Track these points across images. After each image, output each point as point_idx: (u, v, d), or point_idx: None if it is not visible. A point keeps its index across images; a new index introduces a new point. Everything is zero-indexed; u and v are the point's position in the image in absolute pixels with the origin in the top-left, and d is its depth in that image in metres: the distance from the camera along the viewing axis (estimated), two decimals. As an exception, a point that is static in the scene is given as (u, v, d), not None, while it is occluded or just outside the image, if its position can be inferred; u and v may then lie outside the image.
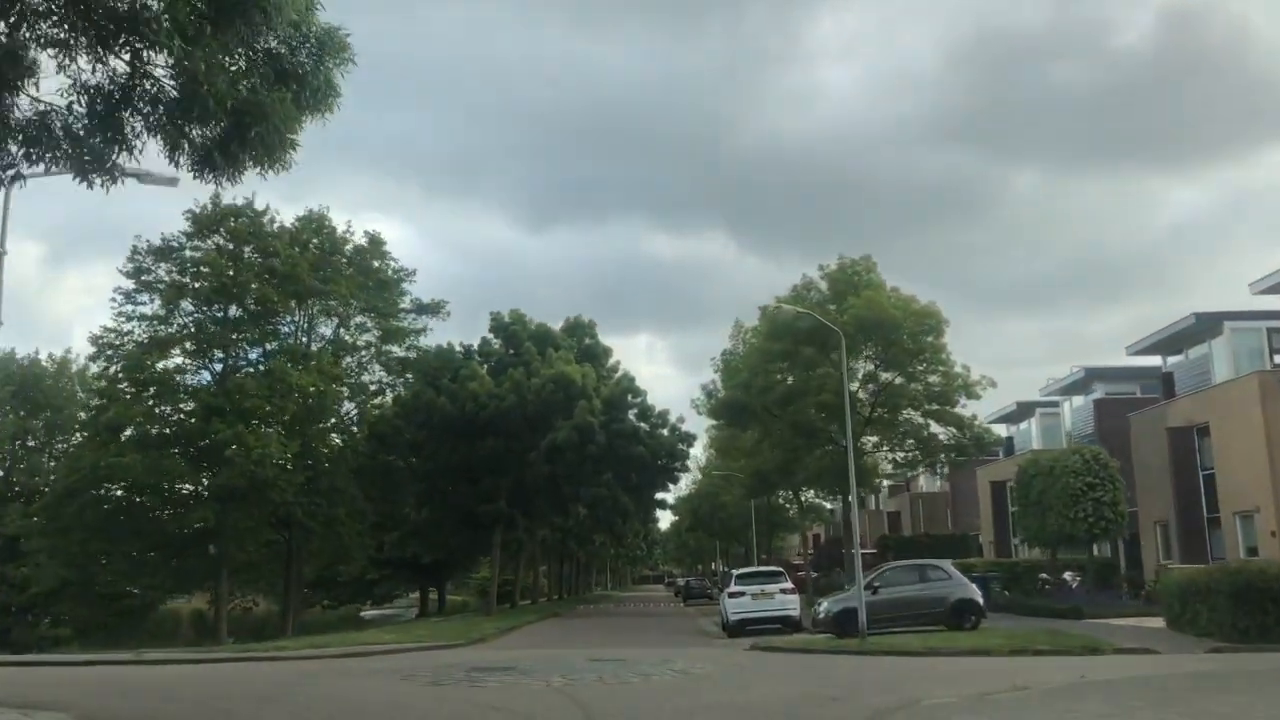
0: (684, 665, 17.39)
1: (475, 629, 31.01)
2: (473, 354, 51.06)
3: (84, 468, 36.99)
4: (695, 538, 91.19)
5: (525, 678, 15.46)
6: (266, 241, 41.37)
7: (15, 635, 44.56)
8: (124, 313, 40.49)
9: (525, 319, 53.15)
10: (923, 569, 25.35)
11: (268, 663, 20.66)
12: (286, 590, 44.51)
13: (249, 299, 41.40)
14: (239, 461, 35.81)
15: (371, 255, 44.95)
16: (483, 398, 46.45)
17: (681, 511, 79.30)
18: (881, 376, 34.18)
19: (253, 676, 17.01)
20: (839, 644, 21.29)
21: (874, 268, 35.29)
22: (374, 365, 47.16)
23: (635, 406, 48.24)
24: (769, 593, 27.84)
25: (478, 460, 46.52)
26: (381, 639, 26.51)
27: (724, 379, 39.04)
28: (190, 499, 38.52)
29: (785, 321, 33.52)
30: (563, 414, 45.95)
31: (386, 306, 45.22)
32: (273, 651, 22.79)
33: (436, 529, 50.75)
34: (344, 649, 23.44)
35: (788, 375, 34.68)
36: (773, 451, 37.24)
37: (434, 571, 66.33)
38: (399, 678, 15.79)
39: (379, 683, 15.33)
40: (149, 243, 41.02)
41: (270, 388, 38.15)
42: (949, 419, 34.29)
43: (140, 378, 38.53)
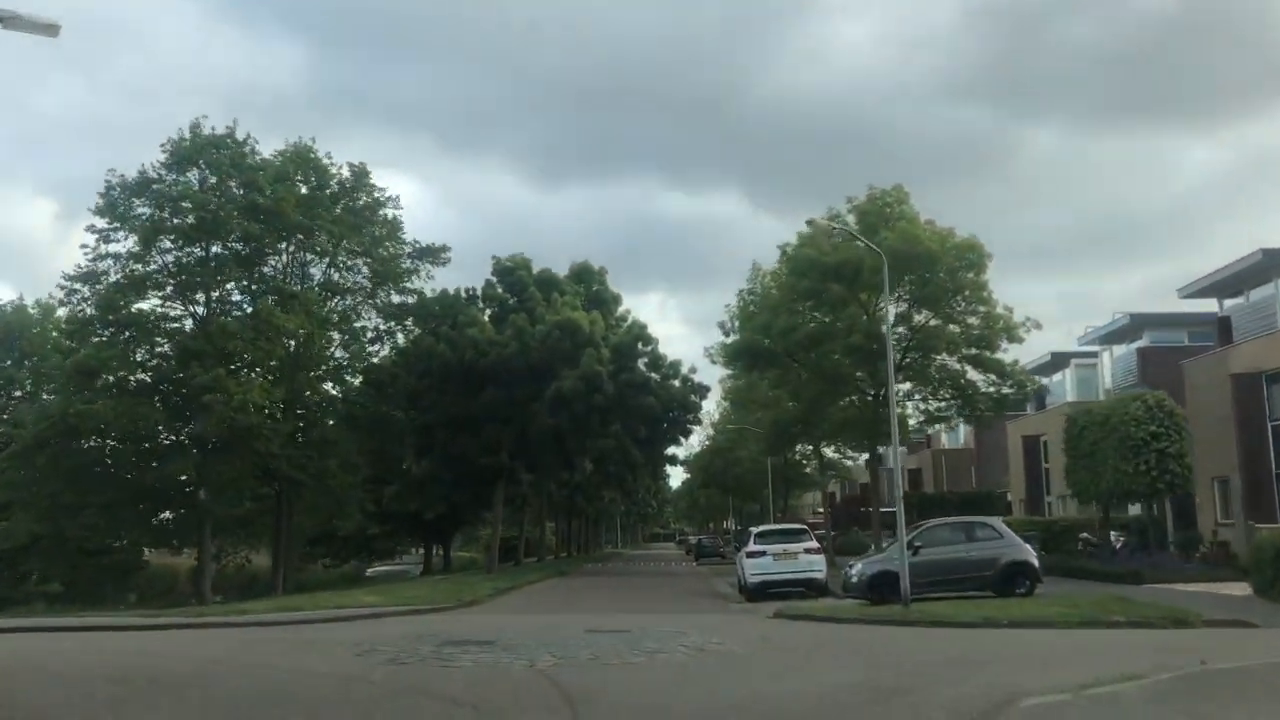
0: (699, 639, 14.65)
1: (469, 590, 28.41)
2: (474, 298, 48.22)
3: (54, 415, 34.39)
4: (707, 495, 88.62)
5: (507, 655, 12.75)
6: (249, 175, 38.43)
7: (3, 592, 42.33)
8: (100, 253, 37.88)
9: (529, 263, 50.14)
10: (969, 527, 22.50)
11: (221, 629, 18.03)
12: (276, 547, 42.06)
13: (233, 238, 38.63)
14: (218, 408, 33.15)
15: (356, 188, 41.93)
16: (483, 345, 43.65)
17: (693, 468, 76.67)
18: (915, 318, 31.18)
19: (185, 651, 14.32)
20: (876, 612, 18.53)
21: (906, 198, 32.17)
22: (368, 309, 44.30)
23: (646, 356, 45.35)
24: (792, 553, 25.09)
25: (478, 411, 43.81)
26: (362, 601, 23.89)
27: (741, 322, 36.11)
28: (169, 449, 35.89)
29: (811, 257, 30.52)
30: (568, 362, 43.12)
31: (376, 244, 42.25)
32: (233, 616, 20.16)
33: (437, 483, 48.16)
34: (314, 613, 20.79)
35: (812, 316, 31.70)
36: (794, 401, 34.34)
37: (437, 527, 64.08)
38: (355, 654, 13.10)
39: (327, 661, 12.62)
40: (123, 177, 38.23)
41: (254, 329, 35.43)
42: (989, 365, 31.27)
43: (113, 319, 35.79)
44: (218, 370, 33.85)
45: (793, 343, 31.03)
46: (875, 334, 30.99)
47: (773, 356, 32.70)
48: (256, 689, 10.69)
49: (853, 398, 33.60)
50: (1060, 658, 12.22)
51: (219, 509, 37.42)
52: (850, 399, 33.70)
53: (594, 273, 50.39)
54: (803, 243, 31.93)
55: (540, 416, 43.33)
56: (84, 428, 33.31)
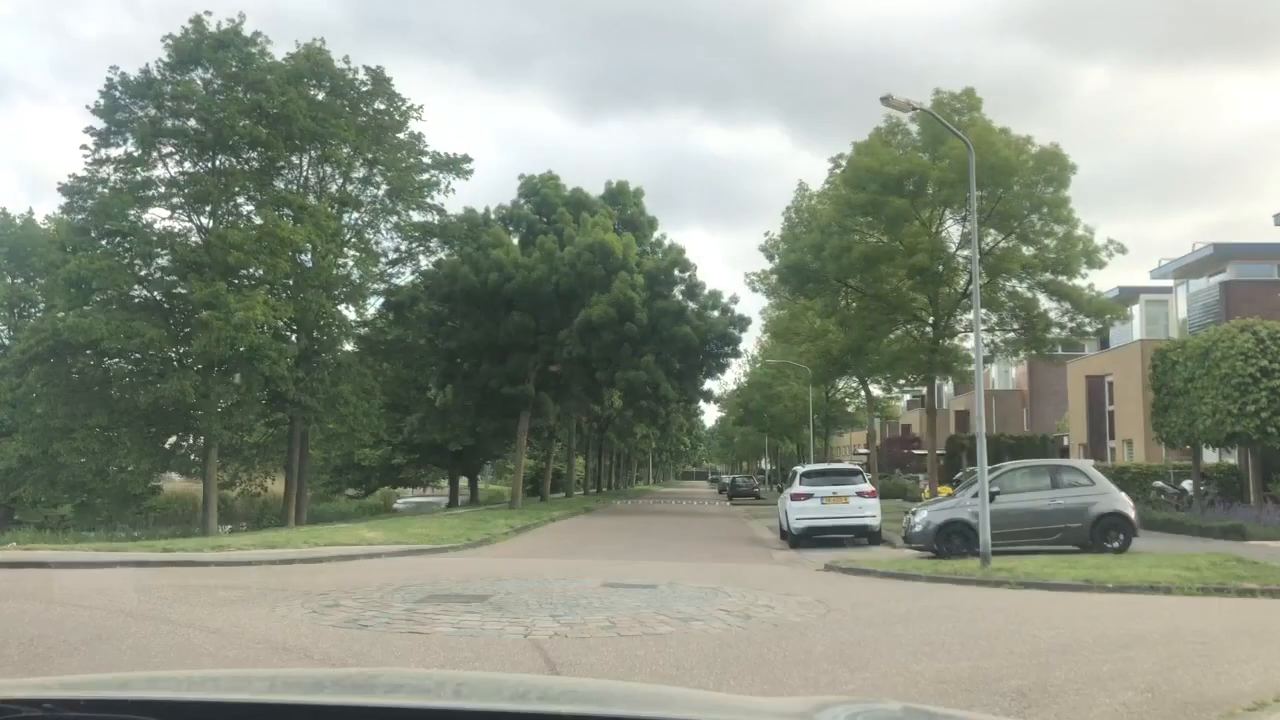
0: (740, 599, 11.85)
1: (482, 526, 25.85)
2: (501, 219, 45.29)
3: (45, 330, 32.00)
4: (743, 433, 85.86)
5: (498, 618, 10.03)
6: (256, 75, 35.43)
7: (19, 514, 40.43)
8: (99, 158, 35.24)
9: (559, 182, 47.17)
10: (1055, 471, 19.43)
11: (182, 569, 15.47)
12: (289, 475, 39.80)
13: (243, 147, 35.81)
14: (216, 325, 30.56)
15: (375, 94, 38.80)
16: (509, 267, 40.89)
17: (729, 405, 73.84)
18: (986, 236, 27.81)
19: (105, 594, 11.66)
20: (948, 568, 15.62)
21: (979, 104, 28.62)
22: (386, 226, 41.37)
23: (683, 282, 42.35)
24: (842, 496, 22.20)
25: (502, 338, 41.19)
26: (362, 537, 21.36)
27: (788, 243, 32.94)
28: (167, 369, 33.44)
29: (870, 167, 27.16)
30: (599, 288, 40.27)
31: (394, 156, 39.20)
32: (207, 552, 17.63)
33: (461, 412, 45.79)
34: (300, 551, 18.25)
35: (868, 235, 28.42)
36: (845, 329, 31.20)
37: (464, 459, 61.95)
38: (311, 609, 10.44)
39: (267, 620, 9.94)
40: (124, 75, 35.40)
41: (258, 241, 32.69)
42: (1066, 293, 27.93)
43: (111, 228, 33.17)
44: (218, 284, 31.21)
45: (846, 264, 27.81)
46: (940, 253, 27.76)
47: (822, 280, 29.49)
48: (160, 654, 8.02)
49: (909, 327, 30.41)
50: (1220, 642, 9.28)
51: (223, 434, 35.00)
52: (906, 328, 30.52)
53: (629, 194, 47.28)
54: (860, 151, 28.55)
55: (568, 344, 40.63)
56: (75, 343, 30.85)
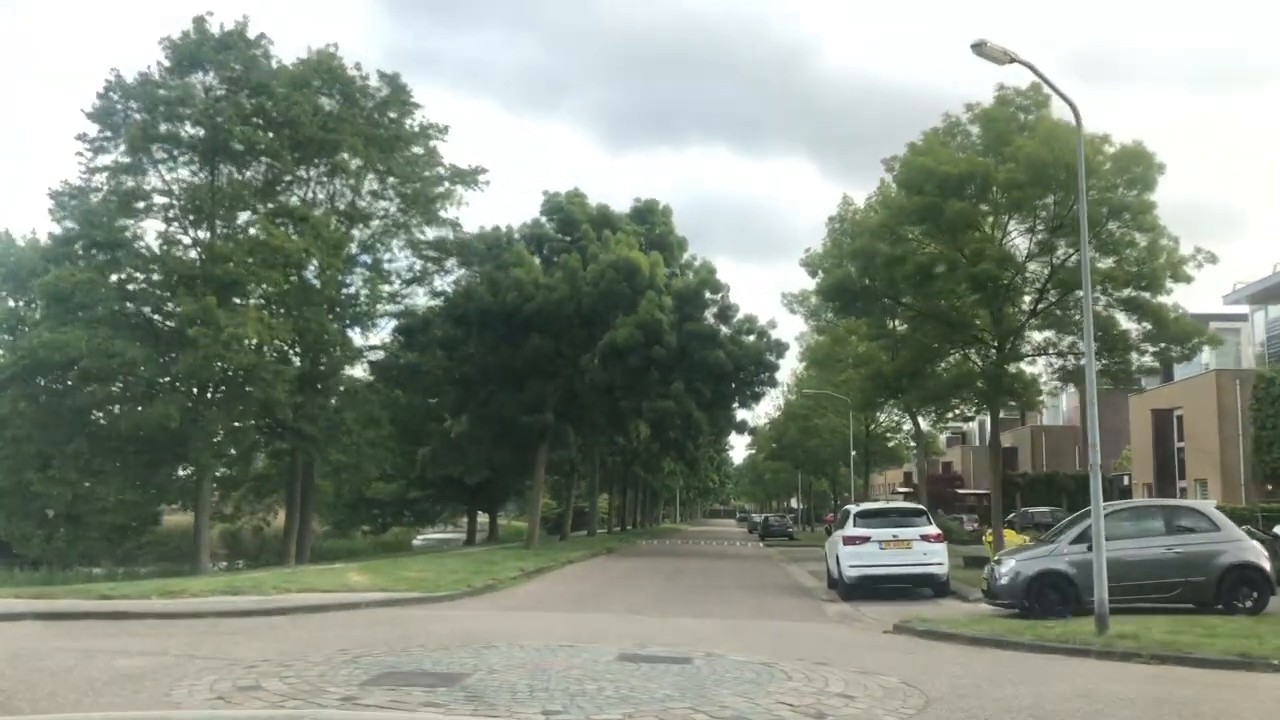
0: (806, 683, 8.74)
1: (491, 570, 22.81)
2: (523, 238, 42.57)
3: (22, 349, 29.45)
4: (774, 470, 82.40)
5: (469, 712, 7.02)
6: (259, 79, 33.06)
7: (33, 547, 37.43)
8: (93, 165, 32.97)
9: (584, 200, 44.45)
10: (1169, 514, 16.10)
11: (112, 622, 12.55)
12: (289, 509, 37.04)
13: (246, 157, 33.42)
14: (204, 343, 27.90)
15: (389, 102, 36.36)
16: (528, 287, 38.06)
17: (761, 439, 70.57)
18: (1059, 247, 24.73)
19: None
20: (1052, 633, 12.41)
21: (1046, 102, 25.58)
22: (399, 244, 38.78)
23: (714, 304, 39.38)
24: (904, 540, 19.04)
25: (521, 362, 38.30)
26: (344, 581, 18.39)
27: (831, 256, 29.96)
28: (153, 392, 30.79)
29: (928, 167, 24.14)
30: (625, 308, 37.39)
31: (408, 169, 36.67)
32: (155, 600, 14.71)
33: (475, 443, 42.87)
34: (268, 599, 15.30)
35: (925, 243, 25.35)
36: (895, 352, 28.08)
37: (481, 494, 59.02)
38: (227, 690, 7.51)
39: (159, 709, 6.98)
40: (120, 77, 33.14)
41: (250, 253, 30.13)
42: (1149, 311, 24.74)
43: (100, 239, 30.71)
44: (208, 299, 28.60)
45: (900, 276, 24.75)
46: (1010, 262, 24.62)
47: (871, 296, 26.44)
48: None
49: (967, 350, 27.27)
50: None
51: (213, 464, 32.28)
52: (964, 351, 27.36)
53: (658, 212, 44.48)
54: (916, 151, 25.53)
55: (591, 370, 37.70)
56: (51, 362, 28.27)
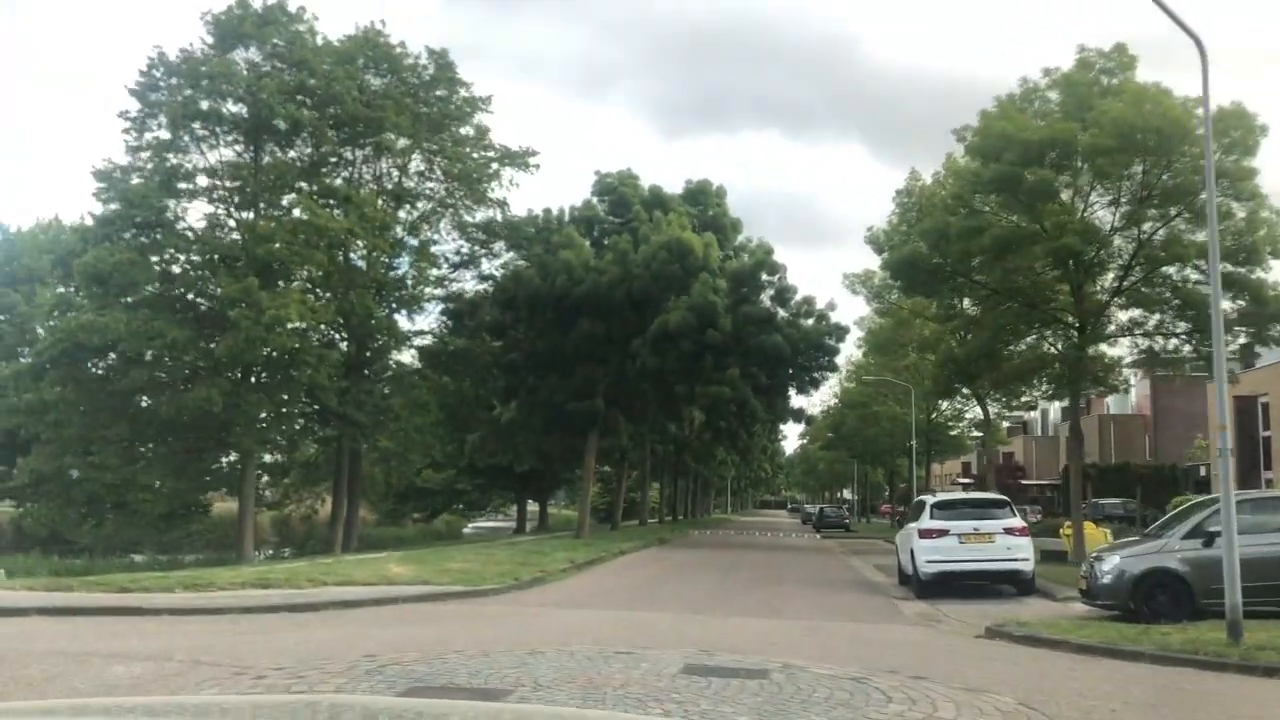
0: (908, 704, 7.36)
1: (539, 561, 21.64)
2: (573, 220, 41.40)
3: (61, 332, 28.78)
4: (828, 460, 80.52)
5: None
6: (302, 55, 32.09)
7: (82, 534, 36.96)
8: (135, 144, 32.23)
9: (637, 181, 43.16)
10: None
11: (124, 618, 11.49)
12: (336, 496, 36.19)
13: (289, 136, 32.53)
14: (245, 325, 27.01)
15: (436, 81, 35.27)
16: (578, 270, 36.88)
17: (816, 429, 68.83)
18: (1146, 219, 22.88)
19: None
20: (1175, 641, 10.87)
21: (1132, 63, 23.81)
22: (446, 225, 37.70)
23: (771, 286, 37.83)
24: (986, 533, 17.53)
25: (570, 348, 37.14)
26: (384, 573, 17.26)
27: (898, 232, 28.37)
28: (195, 375, 30.00)
29: (1006, 133, 22.48)
30: (677, 291, 36.04)
31: (456, 149, 35.53)
32: (178, 593, 13.67)
33: (524, 430, 41.81)
34: (300, 593, 14.20)
35: (1001, 215, 23.69)
36: (968, 333, 26.46)
37: (531, 482, 58.14)
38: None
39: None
40: (163, 54, 32.36)
41: (294, 232, 29.20)
42: (1247, 287, 22.84)
43: (136, 218, 29.92)
44: (249, 280, 27.69)
45: (975, 250, 23.13)
46: (1094, 234, 22.88)
47: (942, 274, 24.81)
48: None
49: (1044, 332, 25.56)
50: None
51: (256, 449, 31.45)
52: (1041, 332, 25.67)
53: (710, 193, 43.06)
54: (988, 119, 23.84)
55: (642, 355, 36.40)
56: (91, 345, 27.54)
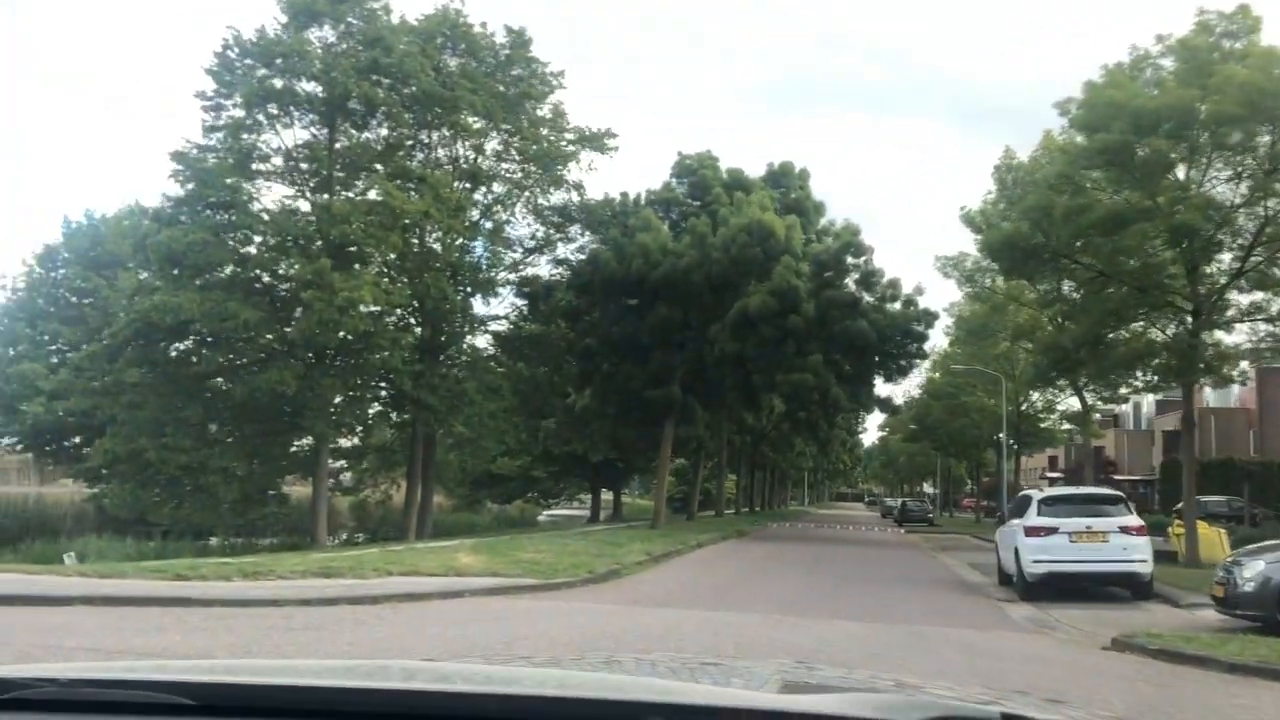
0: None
1: (614, 553, 20.71)
2: (653, 201, 40.41)
3: (136, 312, 28.62)
4: (909, 452, 78.41)
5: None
6: (377, 33, 31.53)
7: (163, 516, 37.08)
8: (212, 125, 32.00)
9: (717, 163, 41.96)
10: None
11: (170, 609, 10.77)
12: (410, 481, 35.73)
13: (365, 117, 32.06)
14: (318, 307, 26.52)
15: (515, 59, 34.47)
16: (655, 254, 35.85)
17: (897, 420, 66.88)
18: (1274, 193, 21.07)
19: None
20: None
21: (1257, 25, 21.97)
22: (522, 209, 36.94)
23: (856, 270, 36.35)
24: (1099, 531, 16.09)
25: (646, 333, 36.14)
26: (455, 564, 16.44)
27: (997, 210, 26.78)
28: (268, 357, 29.68)
29: (1116, 102, 20.86)
30: (758, 275, 34.82)
31: (533, 130, 34.70)
32: (237, 581, 12.99)
33: (599, 418, 40.97)
34: (363, 584, 13.45)
35: (1109, 190, 22.05)
36: (1072, 318, 24.80)
37: (606, 471, 57.37)
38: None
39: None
40: (237, 34, 32.03)
41: (369, 213, 28.66)
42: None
43: (211, 198, 29.62)
44: (322, 261, 27.20)
45: (1083, 228, 21.55)
46: (1215, 210, 21.15)
47: (1045, 254, 23.22)
48: None
49: (1154, 316, 23.83)
50: None
51: (329, 433, 31.06)
52: (1151, 317, 23.94)
53: (794, 175, 41.68)
54: (1095, 90, 22.15)
55: (720, 341, 35.25)
56: (164, 325, 27.29)
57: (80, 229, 50.42)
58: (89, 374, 30.38)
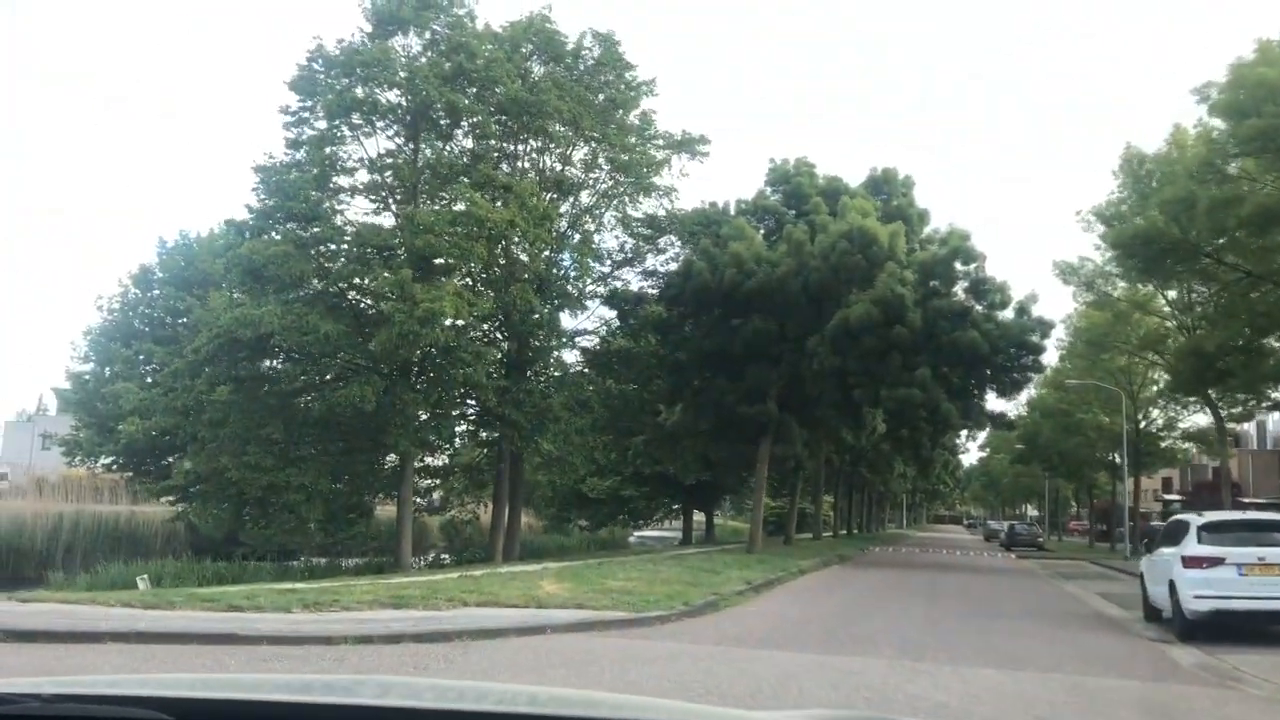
0: None
1: (711, 580, 19.09)
2: (745, 210, 38.87)
3: (218, 327, 27.95)
4: (1017, 473, 75.02)
5: None
6: (461, 38, 30.59)
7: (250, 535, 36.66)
8: (294, 139, 31.40)
9: (813, 170, 40.24)
10: None
11: (211, 648, 9.50)
12: (496, 501, 34.55)
13: (450, 127, 31.17)
14: (399, 319, 25.48)
15: (604, 65, 33.25)
16: (749, 263, 34.24)
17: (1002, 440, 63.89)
18: None
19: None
20: None
21: None
22: (610, 220, 35.63)
23: (966, 277, 34.15)
24: (1275, 564, 13.94)
25: (740, 346, 34.48)
26: (537, 593, 15.02)
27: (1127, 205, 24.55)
28: (348, 372, 28.77)
29: (1269, 81, 18.64)
30: (859, 283, 32.91)
31: (622, 139, 33.38)
32: (297, 612, 11.73)
33: (692, 436, 39.31)
34: (434, 616, 12.09)
35: (1263, 180, 19.76)
36: (1219, 321, 22.46)
37: (698, 492, 55.63)
38: None
39: None
40: (320, 45, 31.40)
41: (453, 222, 27.60)
42: None
43: (297, 211, 28.90)
44: (403, 273, 26.20)
45: (1230, 224, 19.32)
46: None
47: (1186, 252, 20.98)
48: None
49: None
50: None
51: (414, 451, 30.01)
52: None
53: (896, 182, 39.67)
54: (1240, 71, 19.89)
55: (819, 354, 33.36)
56: (244, 339, 26.55)
57: (174, 249, 50.69)
58: (173, 391, 29.84)
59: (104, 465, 46.33)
